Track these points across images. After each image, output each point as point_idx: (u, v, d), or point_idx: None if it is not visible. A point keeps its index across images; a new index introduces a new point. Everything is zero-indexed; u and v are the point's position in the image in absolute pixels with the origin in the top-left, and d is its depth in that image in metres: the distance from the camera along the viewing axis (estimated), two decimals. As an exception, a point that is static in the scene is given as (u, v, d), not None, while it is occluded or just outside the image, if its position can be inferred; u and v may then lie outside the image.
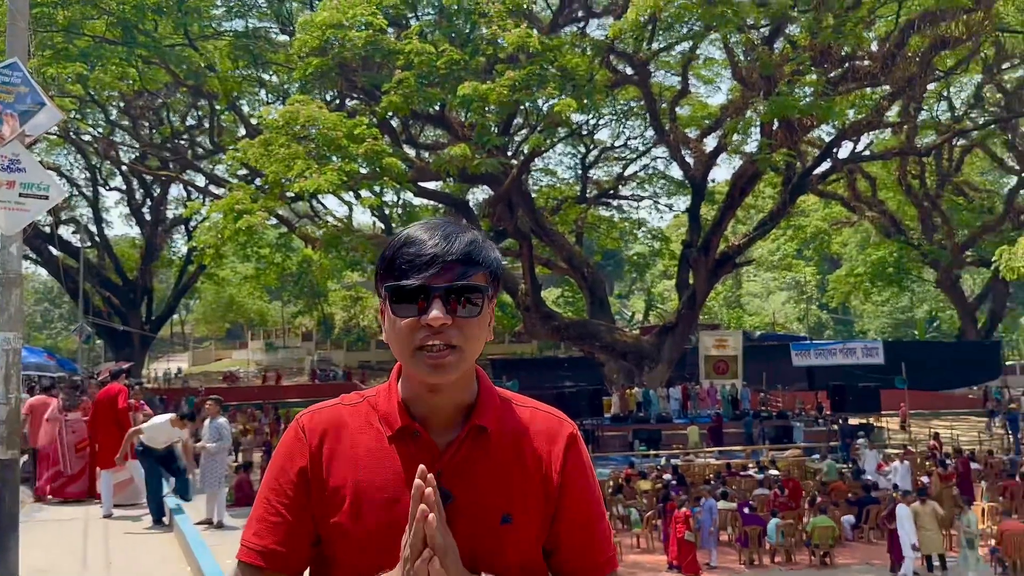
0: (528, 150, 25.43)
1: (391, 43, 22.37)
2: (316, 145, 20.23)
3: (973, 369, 39.73)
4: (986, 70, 35.19)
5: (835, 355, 32.57)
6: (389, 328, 1.42)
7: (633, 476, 18.88)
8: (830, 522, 14.76)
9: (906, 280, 46.73)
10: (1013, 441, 25.92)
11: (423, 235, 1.41)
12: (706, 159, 32.73)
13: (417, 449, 1.43)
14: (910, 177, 39.76)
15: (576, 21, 32.16)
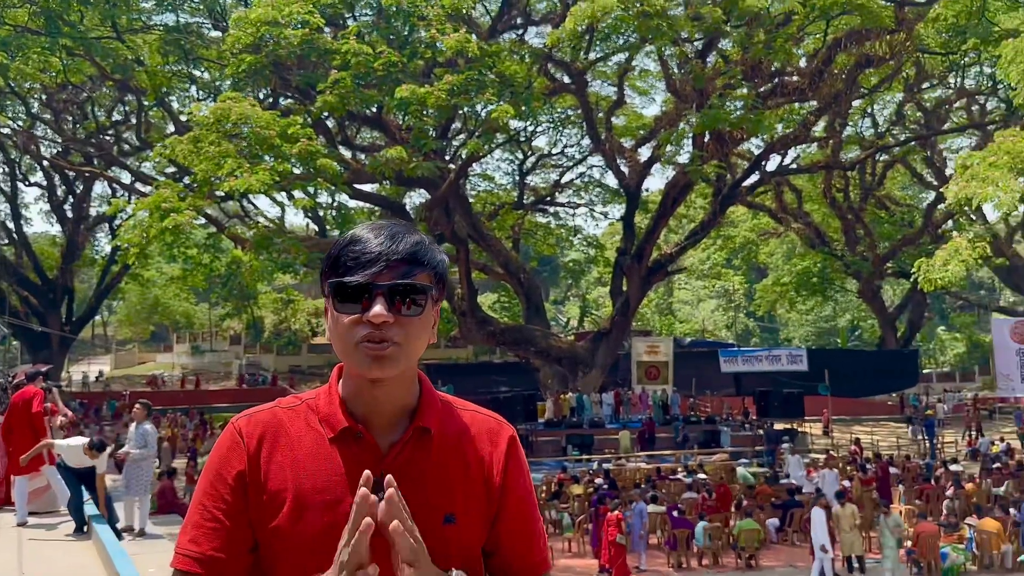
0: (466, 155, 25.44)
1: (328, 42, 22.08)
2: (248, 144, 19.81)
3: (892, 377, 41.23)
4: (907, 89, 36.66)
5: (761, 362, 33.40)
6: (332, 325, 1.41)
7: (566, 481, 18.99)
8: (755, 525, 15.10)
9: (829, 290, 48.27)
10: (929, 446, 26.96)
11: (369, 234, 1.41)
12: (640, 168, 33.27)
13: (359, 450, 1.42)
14: (835, 190, 41.11)
15: (515, 28, 32.33)
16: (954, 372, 51.21)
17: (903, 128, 40.79)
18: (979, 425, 31.17)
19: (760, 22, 25.98)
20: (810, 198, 42.79)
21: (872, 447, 25.86)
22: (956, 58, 32.38)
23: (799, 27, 26.59)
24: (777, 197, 41.45)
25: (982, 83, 36.21)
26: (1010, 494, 16.70)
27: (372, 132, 34.40)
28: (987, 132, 33.99)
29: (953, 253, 16.29)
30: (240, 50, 21.60)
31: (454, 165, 28.36)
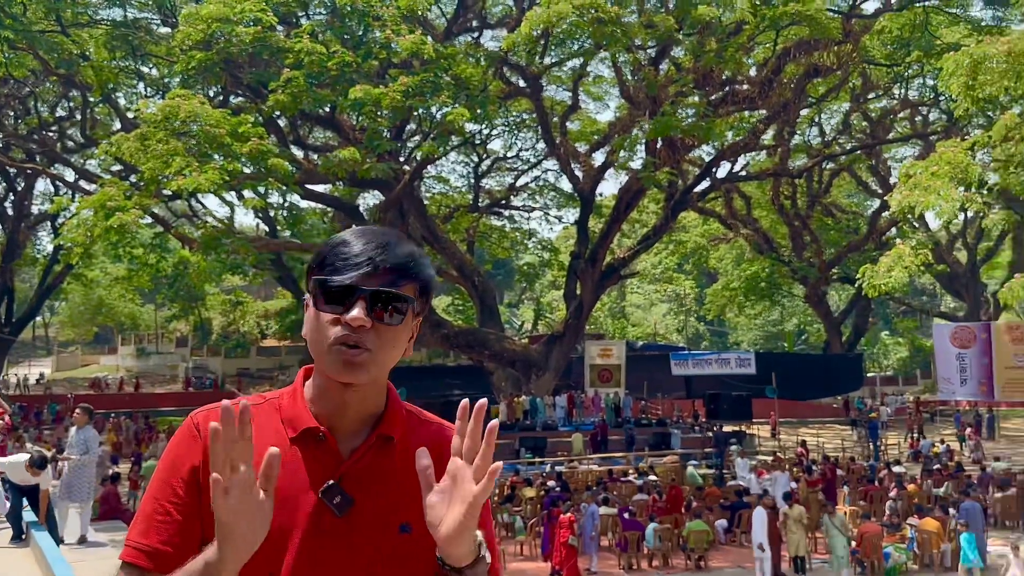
0: (420, 157, 25.30)
1: (280, 41, 21.80)
2: (197, 142, 19.43)
3: (838, 380, 42.17)
4: (853, 99, 37.56)
5: (711, 365, 33.87)
6: (310, 323, 1.41)
7: (519, 484, 19.01)
8: (705, 526, 15.29)
9: (777, 295, 49.18)
10: (872, 448, 27.62)
11: (361, 238, 1.41)
12: (594, 173, 33.51)
13: (320, 453, 1.41)
14: (783, 197, 41.93)
15: (470, 31, 32.33)
16: (897, 376, 52.57)
17: (849, 137, 41.78)
18: (921, 427, 32.05)
19: (712, 31, 26.38)
20: (759, 205, 43.56)
21: (818, 449, 26.41)
22: (900, 70, 33.30)
23: (749, 37, 27.07)
24: (727, 203, 42.13)
25: (925, 94, 37.29)
26: (950, 495, 17.19)
27: (325, 132, 34.06)
28: (929, 142, 35.03)
29: (896, 260, 16.71)
30: (190, 47, 21.19)
31: (408, 167, 28.21)
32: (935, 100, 35.89)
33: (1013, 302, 18.12)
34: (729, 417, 28.93)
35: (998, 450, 26.47)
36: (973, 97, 15.24)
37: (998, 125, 15.91)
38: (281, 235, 36.97)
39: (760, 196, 42.99)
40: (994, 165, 16.76)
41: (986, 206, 18.17)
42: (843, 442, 29.25)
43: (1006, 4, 28.20)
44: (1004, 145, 16.02)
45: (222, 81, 24.31)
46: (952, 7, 31.08)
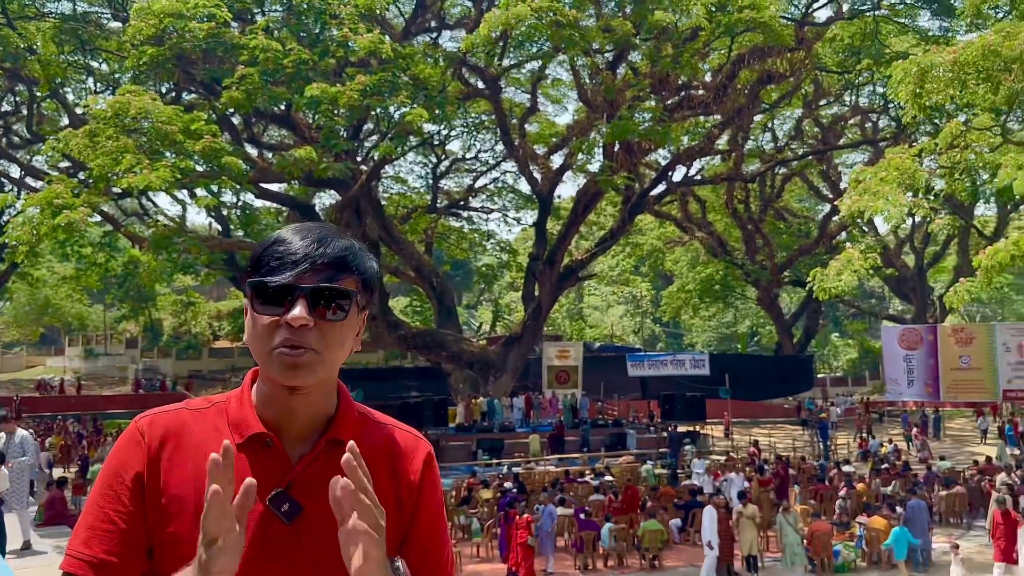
0: (378, 157, 25.13)
1: (235, 37, 21.46)
2: (148, 139, 19.04)
3: (789, 381, 42.92)
4: (806, 105, 38.30)
5: (666, 366, 34.23)
6: (250, 327, 1.35)
7: (475, 485, 18.98)
8: (659, 526, 15.42)
9: (731, 297, 49.92)
10: (822, 448, 28.15)
11: (295, 235, 1.36)
12: (553, 175, 33.65)
13: (268, 459, 1.37)
14: (736, 201, 42.56)
15: (428, 31, 32.22)
16: (846, 377, 53.69)
17: (801, 143, 42.58)
18: (870, 428, 32.77)
19: (668, 36, 26.68)
20: (713, 208, 44.15)
21: (770, 449, 26.84)
22: (851, 77, 34.06)
23: (705, 43, 27.43)
24: (682, 207, 42.65)
25: (875, 101, 38.17)
26: (897, 493, 17.59)
27: (280, 130, 33.64)
28: (879, 148, 35.86)
29: (846, 263, 17.06)
30: (141, 42, 20.74)
31: (366, 167, 28.01)
32: (884, 107, 36.75)
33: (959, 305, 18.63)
34: (684, 417, 29.26)
35: (943, 450, 27.19)
36: (920, 105, 15.64)
37: (944, 132, 16.36)
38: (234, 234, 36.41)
39: (714, 200, 43.58)
40: (940, 171, 17.23)
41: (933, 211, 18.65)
42: (794, 442, 29.77)
43: (952, 15, 29.00)
44: (950, 152, 16.47)
45: (174, 77, 23.84)
46: (901, 17, 31.90)
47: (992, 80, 14.42)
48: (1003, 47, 13.91)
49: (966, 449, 28.24)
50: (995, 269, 14.71)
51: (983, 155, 16.36)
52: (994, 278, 15.57)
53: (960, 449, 28.34)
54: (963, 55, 14.43)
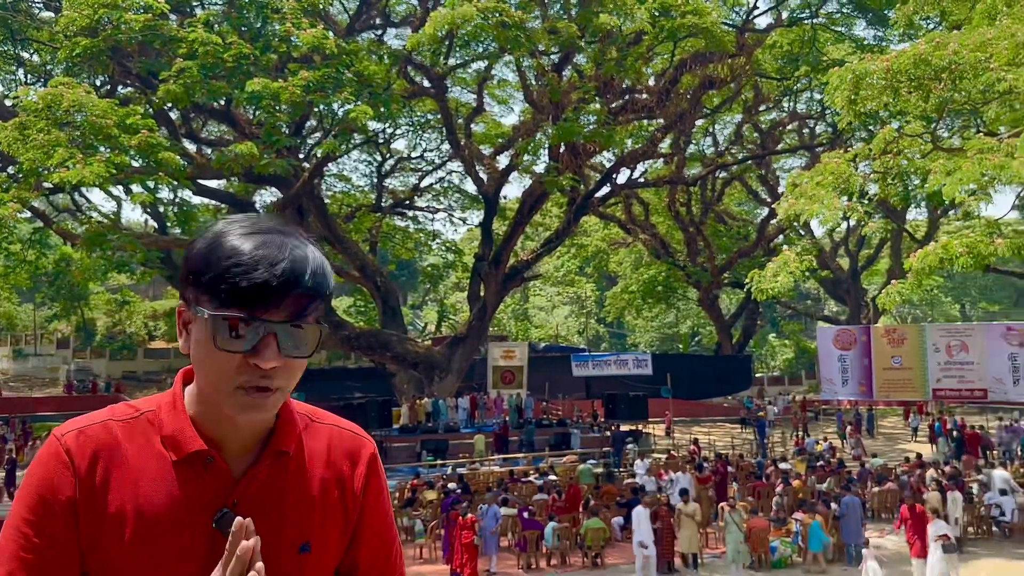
0: (321, 154, 24.79)
1: (173, 30, 20.93)
2: (82, 133, 18.43)
3: (728, 380, 43.73)
4: (745, 111, 39.07)
5: (610, 366, 34.52)
6: (201, 353, 1.22)
7: (420, 487, 18.87)
8: (602, 524, 15.56)
9: (673, 298, 50.63)
10: (760, 446, 28.75)
11: (252, 247, 1.19)
12: (498, 176, 33.67)
13: (209, 477, 1.28)
14: (678, 204, 43.21)
15: (373, 28, 31.93)
16: (783, 376, 54.94)
17: (741, 147, 43.42)
18: (805, 426, 33.58)
19: (612, 40, 26.93)
20: (656, 211, 44.74)
21: (709, 447, 27.30)
22: (790, 83, 34.88)
23: (648, 47, 27.78)
24: (626, 209, 43.13)
25: (812, 108, 39.15)
26: (832, 490, 18.06)
27: (219, 126, 32.95)
28: (815, 153, 36.78)
29: (782, 265, 17.46)
30: (75, 32, 20.07)
31: (308, 164, 27.62)
32: (821, 113, 37.72)
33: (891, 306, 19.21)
34: (626, 417, 29.56)
35: (876, 447, 28.02)
36: (855, 111, 16.09)
37: (878, 138, 16.85)
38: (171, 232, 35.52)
39: (657, 202, 44.17)
40: (874, 176, 17.76)
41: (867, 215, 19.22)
42: (733, 440, 30.33)
43: (886, 25, 29.95)
44: (883, 158, 16.99)
45: (109, 70, 23.14)
46: (838, 26, 32.83)
47: (923, 88, 14.92)
48: (933, 56, 14.40)
49: (898, 447, 29.16)
50: (925, 272, 15.22)
51: (914, 161, 16.91)
52: (924, 280, 16.11)
53: (892, 446, 29.24)
54: (896, 64, 14.90)
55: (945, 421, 28.95)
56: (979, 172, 13.53)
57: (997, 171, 13.29)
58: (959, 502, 16.07)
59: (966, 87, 14.79)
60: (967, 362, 22.91)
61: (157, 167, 19.10)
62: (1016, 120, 17.63)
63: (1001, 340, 22.06)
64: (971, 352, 22.75)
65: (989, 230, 15.30)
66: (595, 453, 25.53)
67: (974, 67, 14.12)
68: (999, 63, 13.50)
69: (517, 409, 29.76)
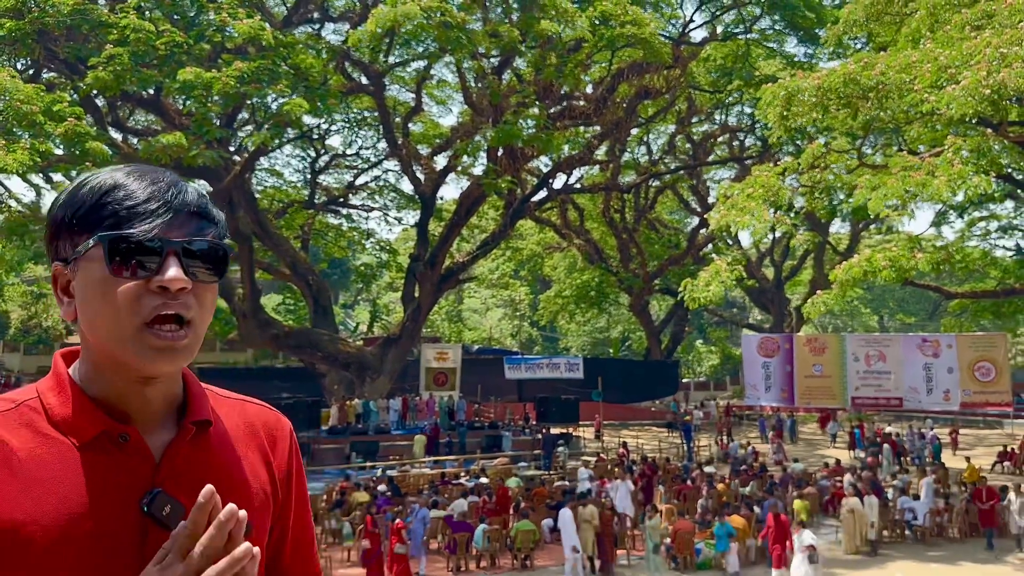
0: (253, 147, 24.29)
1: (103, 15, 20.22)
2: (4, 118, 17.65)
3: (657, 385, 44.49)
4: (679, 122, 39.89)
5: (542, 369, 34.78)
6: (94, 297, 1.07)
7: (348, 489, 18.65)
8: (532, 526, 15.64)
9: (605, 303, 51.26)
10: (687, 449, 29.35)
11: (140, 180, 1.10)
12: (436, 177, 33.56)
13: (125, 457, 1.11)
14: (613, 211, 43.78)
15: (311, 22, 31.46)
16: (709, 381, 56.18)
17: (673, 157, 44.30)
18: (730, 430, 34.42)
19: (553, 46, 27.17)
20: (591, 216, 45.26)
21: (638, 450, 27.74)
22: (722, 96, 35.75)
23: (588, 55, 28.11)
24: (562, 214, 43.52)
25: (743, 121, 40.19)
26: (754, 493, 18.55)
27: (148, 115, 31.95)
28: (745, 165, 37.81)
29: (714, 275, 17.89)
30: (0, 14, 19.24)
31: (239, 157, 27.03)
32: (751, 127, 38.76)
33: (815, 316, 19.85)
34: (558, 420, 29.82)
35: (797, 452, 28.91)
36: (786, 126, 16.63)
37: (806, 153, 17.44)
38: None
39: (592, 208, 44.68)
40: (802, 190, 18.36)
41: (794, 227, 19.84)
42: (660, 443, 30.88)
43: (816, 43, 30.99)
44: (811, 172, 17.59)
45: (35, 54, 22.19)
46: (770, 42, 33.82)
47: (852, 106, 15.49)
48: (862, 76, 14.98)
49: (817, 452, 30.12)
50: (849, 283, 15.80)
51: (841, 176, 17.55)
52: (847, 292, 16.72)
53: (812, 452, 30.19)
54: (826, 82, 15.44)
55: (863, 428, 30.05)
56: (902, 189, 14.14)
57: (919, 188, 13.90)
58: (875, 506, 16.70)
59: (891, 107, 15.43)
60: (884, 371, 23.78)
61: (83, 156, 18.39)
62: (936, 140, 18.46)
63: (916, 351, 23.00)
64: (888, 362, 23.63)
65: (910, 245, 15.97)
66: (527, 455, 25.65)
67: (899, 88, 14.74)
68: (923, 85, 14.12)
69: (449, 411, 29.69)
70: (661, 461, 24.31)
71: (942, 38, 15.49)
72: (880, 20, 20.57)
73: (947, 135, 16.19)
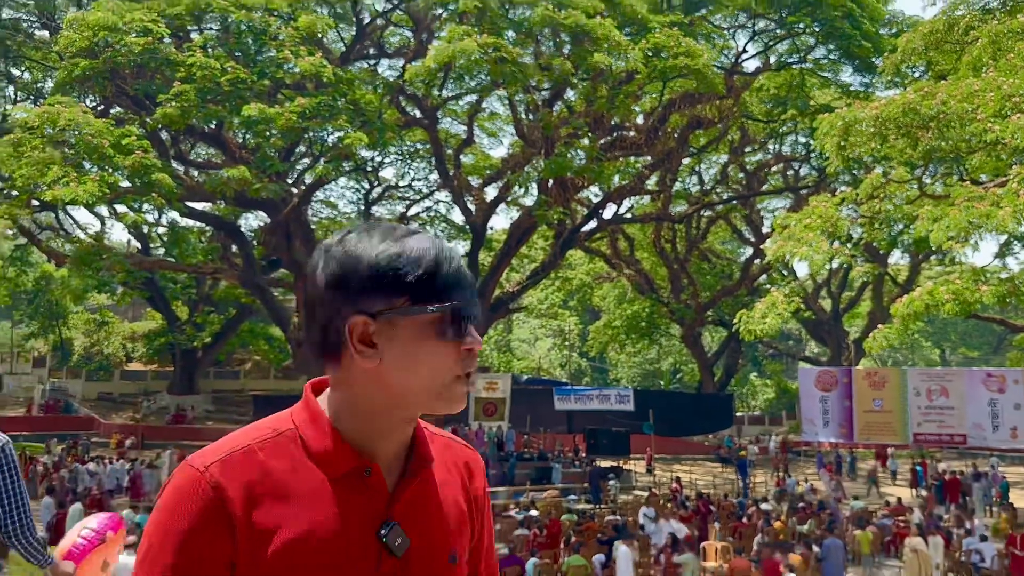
0: (312, 180, 24.84)
1: (171, 53, 21.02)
2: (75, 151, 18.38)
3: (710, 418, 43.72)
4: (731, 151, 39.61)
5: (592, 400, 34.41)
6: (417, 353, 1.21)
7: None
8: (583, 561, 15.41)
9: (656, 334, 50.76)
10: (742, 486, 28.72)
11: (446, 255, 1.25)
12: (486, 207, 33.85)
13: (368, 490, 1.25)
14: (663, 241, 43.53)
15: (367, 58, 32.22)
16: (764, 415, 55.04)
17: (726, 187, 43.92)
18: (786, 466, 33.61)
19: (604, 78, 27.33)
20: (641, 246, 45.03)
21: (691, 485, 27.25)
22: (776, 126, 35.44)
23: (639, 86, 28.20)
24: (612, 243, 43.39)
25: (797, 150, 39.73)
26: (812, 531, 18.05)
27: (208, 148, 32.96)
28: (800, 195, 37.28)
29: (770, 307, 17.62)
30: (74, 54, 20.10)
31: (296, 189, 27.65)
32: (807, 156, 38.27)
33: (877, 350, 19.39)
34: (608, 452, 29.45)
35: (856, 489, 28.08)
36: (843, 157, 16.39)
37: (865, 184, 17.16)
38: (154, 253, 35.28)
39: (643, 238, 44.47)
40: (860, 221, 18.05)
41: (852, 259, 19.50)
42: (714, 479, 30.29)
43: (872, 72, 30.58)
44: (870, 202, 17.28)
45: (106, 91, 23.14)
46: (824, 71, 33.46)
47: (911, 136, 15.22)
48: (922, 106, 14.73)
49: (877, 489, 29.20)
50: (911, 317, 15.41)
51: (901, 207, 17.21)
52: (909, 326, 16.31)
53: (872, 489, 29.29)
54: (885, 111, 15.21)
55: (926, 465, 29.09)
56: (966, 220, 13.80)
57: (983, 219, 13.55)
58: (940, 547, 16.10)
59: (953, 136, 15.12)
60: (947, 407, 23.04)
61: (149, 188, 19.03)
62: (999, 169, 18.02)
63: (981, 386, 22.25)
64: (951, 397, 22.90)
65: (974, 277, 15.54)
66: (576, 488, 25.39)
67: (961, 117, 14.45)
68: (986, 114, 13.83)
69: (498, 442, 29.58)
70: (716, 497, 23.85)
71: (1005, 66, 15.17)
72: (940, 48, 20.25)
73: (1011, 164, 15.80)
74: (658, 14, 28.16)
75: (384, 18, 31.07)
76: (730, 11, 32.44)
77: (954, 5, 20.53)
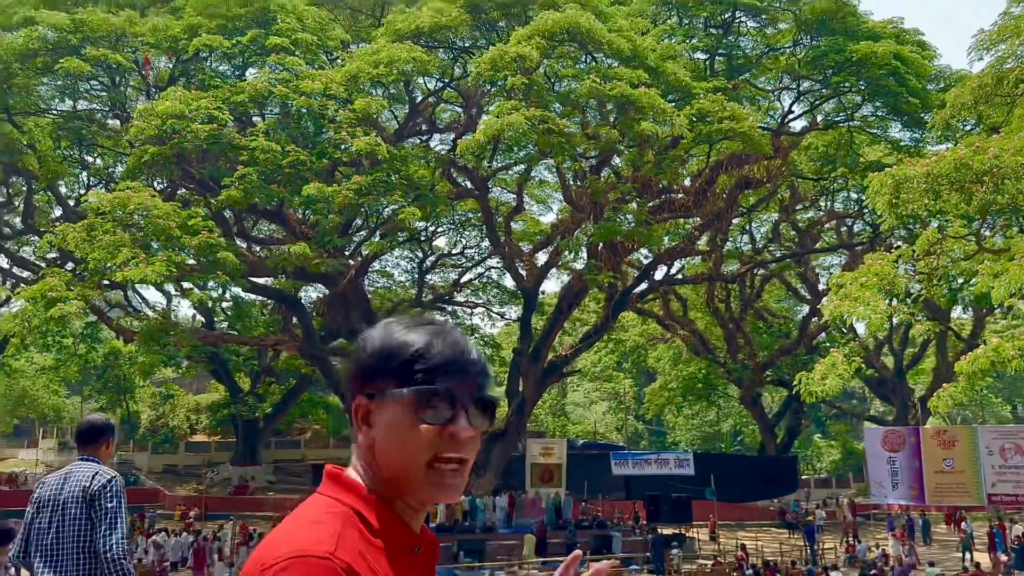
0: (368, 252, 25.53)
1: (235, 138, 22.12)
2: (144, 233, 19.33)
3: (775, 482, 42.48)
4: (782, 209, 39.44)
5: (650, 465, 33.80)
6: (397, 433, 1.29)
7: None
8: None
9: (713, 395, 49.90)
10: (810, 552, 27.76)
11: (439, 338, 1.33)
12: (537, 272, 34.19)
13: (414, 565, 1.36)
14: (717, 300, 43.15)
15: (420, 134, 33.28)
16: (830, 478, 53.30)
17: (778, 245, 43.56)
18: (856, 531, 32.40)
19: (650, 143, 27.69)
20: (694, 307, 44.68)
21: (757, 553, 26.45)
22: (826, 183, 35.29)
23: (686, 150, 28.48)
24: (664, 305, 43.16)
25: (849, 207, 39.38)
26: (887, 599, 17.38)
27: (269, 225, 34.15)
28: (855, 251, 36.79)
29: (830, 368, 17.35)
30: (143, 141, 21.32)
31: (353, 261, 28.40)
32: (859, 212, 37.89)
33: (943, 410, 18.90)
34: (669, 519, 28.78)
35: (931, 555, 26.92)
36: (897, 214, 16.30)
37: (921, 240, 16.98)
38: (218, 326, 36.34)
39: (695, 299, 44.18)
40: (918, 277, 17.80)
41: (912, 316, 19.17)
42: (781, 545, 29.35)
43: (922, 127, 30.40)
44: (927, 258, 17.07)
45: (174, 175, 24.36)
46: (873, 128, 33.36)
47: (965, 191, 15.11)
48: (974, 160, 14.65)
49: (954, 555, 27.96)
50: (977, 375, 15.04)
51: (959, 262, 16.95)
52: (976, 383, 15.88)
53: (947, 554, 28.05)
54: (936, 168, 15.16)
55: (1004, 528, 27.79)
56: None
57: (1045, 274, 13.29)
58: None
59: (1009, 189, 14.95)
60: (1023, 466, 22.15)
61: (215, 266, 19.85)
62: (1060, 221, 17.68)
63: (1058, 443, 21.36)
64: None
65: (1040, 332, 15.14)
66: (639, 558, 24.87)
67: (1016, 170, 14.31)
68: (1041, 168, 13.69)
69: (555, 509, 29.19)
70: (784, 565, 23.12)
71: (1059, 118, 15.04)
72: (990, 102, 20.15)
73: (1073, 216, 15.51)
74: (701, 81, 28.57)
75: (435, 96, 32.17)
76: (773, 74, 32.76)
77: (1002, 59, 20.48)
